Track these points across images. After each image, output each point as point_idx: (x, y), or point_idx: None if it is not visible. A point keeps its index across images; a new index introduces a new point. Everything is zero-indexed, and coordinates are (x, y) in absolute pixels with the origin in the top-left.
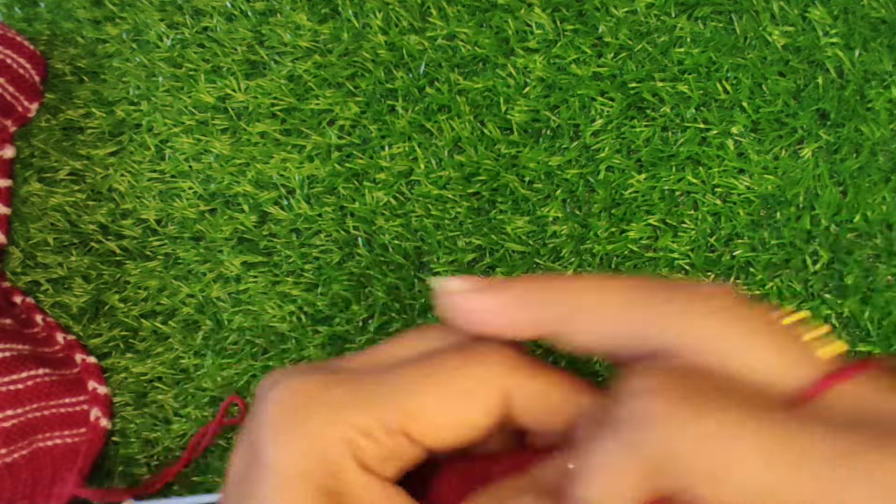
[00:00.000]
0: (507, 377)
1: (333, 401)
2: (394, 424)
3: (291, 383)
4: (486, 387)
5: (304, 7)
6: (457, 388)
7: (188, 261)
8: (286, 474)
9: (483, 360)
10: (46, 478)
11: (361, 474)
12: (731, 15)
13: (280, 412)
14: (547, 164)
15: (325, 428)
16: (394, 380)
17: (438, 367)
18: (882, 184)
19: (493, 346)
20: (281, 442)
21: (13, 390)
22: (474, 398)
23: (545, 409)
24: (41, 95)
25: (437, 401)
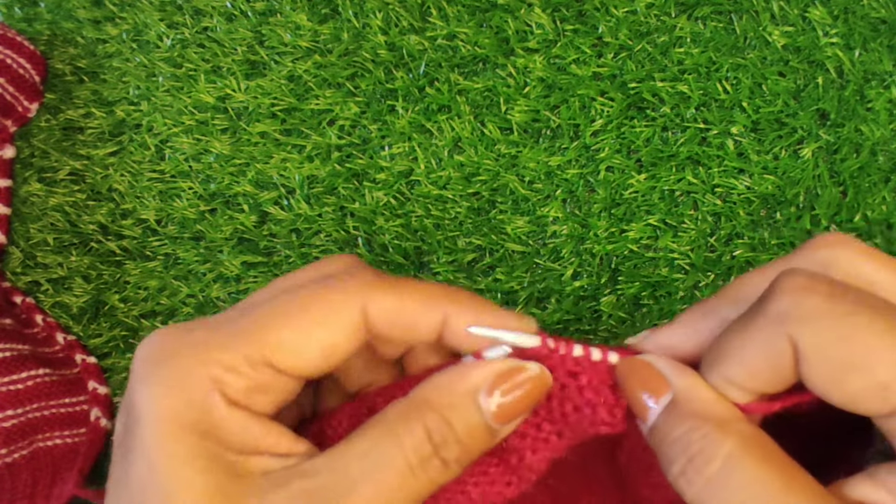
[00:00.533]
0: (363, 295)
1: (195, 342)
2: (257, 357)
3: (156, 333)
4: (342, 309)
5: (304, 7)
6: (313, 315)
7: (188, 261)
8: (157, 417)
9: (337, 284)
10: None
11: (229, 409)
12: (731, 15)
13: (145, 360)
14: (547, 164)
15: (188, 368)
16: (254, 315)
17: (295, 297)
18: (882, 184)
19: (349, 269)
20: (148, 388)
21: (13, 390)
22: (332, 321)
23: (405, 319)
24: (41, 95)
25: (296, 329)
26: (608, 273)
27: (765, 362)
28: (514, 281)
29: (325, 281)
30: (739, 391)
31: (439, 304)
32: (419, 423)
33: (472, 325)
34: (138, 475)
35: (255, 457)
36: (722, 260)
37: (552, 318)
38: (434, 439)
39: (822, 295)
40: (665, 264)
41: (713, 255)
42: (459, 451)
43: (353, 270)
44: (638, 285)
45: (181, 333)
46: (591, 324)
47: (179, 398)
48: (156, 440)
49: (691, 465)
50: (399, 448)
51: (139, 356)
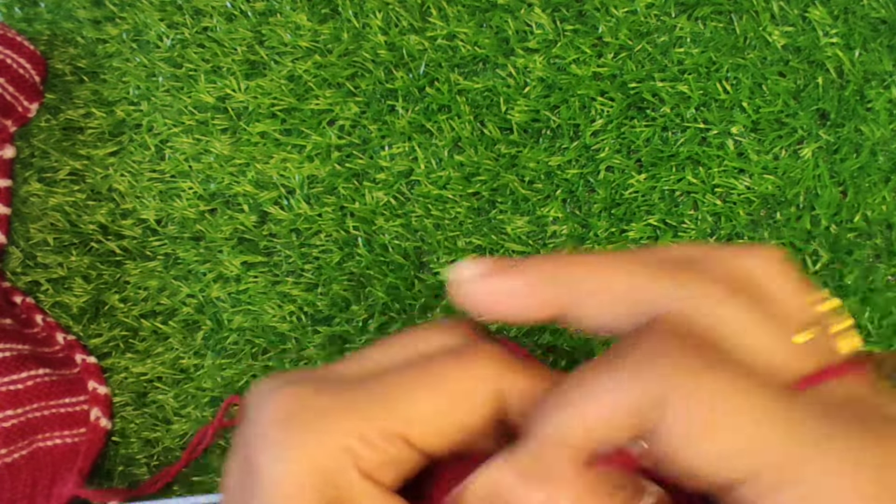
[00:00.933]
0: (499, 376)
1: (329, 408)
2: (392, 430)
3: (284, 392)
4: (480, 388)
5: (304, 7)
6: (452, 391)
7: (188, 261)
8: (285, 484)
9: (475, 361)
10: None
11: (362, 482)
12: (731, 15)
13: (275, 422)
14: (547, 164)
15: (323, 435)
16: (388, 385)
17: (431, 370)
18: (882, 184)
19: (481, 346)
20: (278, 450)
21: (13, 390)
22: (469, 400)
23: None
24: (41, 95)
25: (434, 404)
26: None
27: (617, 411)
28: None
29: (461, 356)
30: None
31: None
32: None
33: None
34: None
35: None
36: None
37: None
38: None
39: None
40: None
41: None
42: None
43: (488, 347)
44: None
45: (312, 396)
46: None
47: (312, 467)
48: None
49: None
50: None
51: (266, 414)
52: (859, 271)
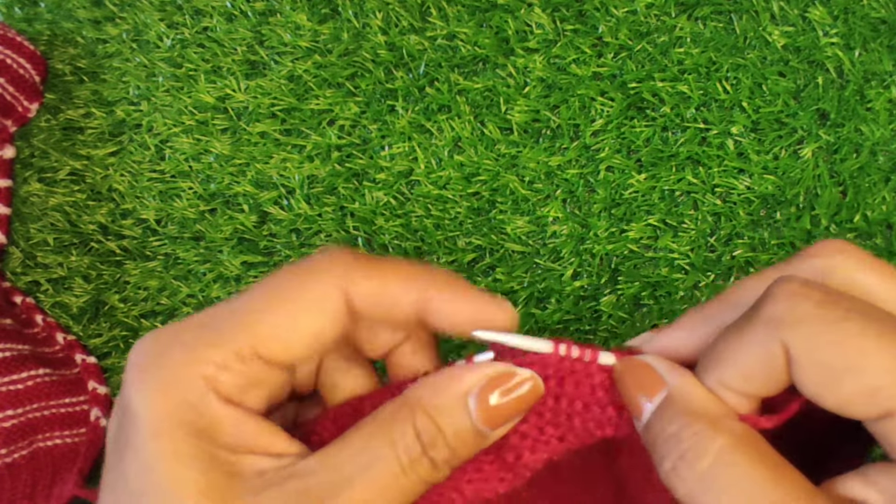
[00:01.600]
0: (344, 278)
1: (186, 341)
2: (246, 351)
3: (148, 335)
4: (325, 292)
5: (304, 7)
6: (296, 302)
7: (188, 261)
8: (154, 419)
9: (317, 270)
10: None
11: (224, 407)
12: (731, 15)
13: (138, 362)
14: (547, 164)
15: (181, 368)
16: (239, 309)
17: (277, 287)
18: (882, 184)
19: (329, 253)
20: (143, 389)
21: (13, 390)
22: (316, 306)
23: (385, 300)
24: (41, 95)
25: (282, 318)
26: (608, 273)
27: (758, 366)
28: (514, 281)
29: (304, 267)
30: (734, 394)
31: (420, 282)
32: (409, 424)
33: (451, 304)
34: (134, 475)
35: (249, 456)
36: (722, 260)
37: (552, 318)
38: (423, 440)
39: (814, 301)
40: (665, 264)
41: (713, 255)
42: (448, 453)
43: (332, 253)
44: (638, 285)
45: (172, 334)
46: (591, 324)
47: (173, 398)
48: (151, 440)
49: (682, 461)
50: (391, 447)
51: (132, 359)
52: None
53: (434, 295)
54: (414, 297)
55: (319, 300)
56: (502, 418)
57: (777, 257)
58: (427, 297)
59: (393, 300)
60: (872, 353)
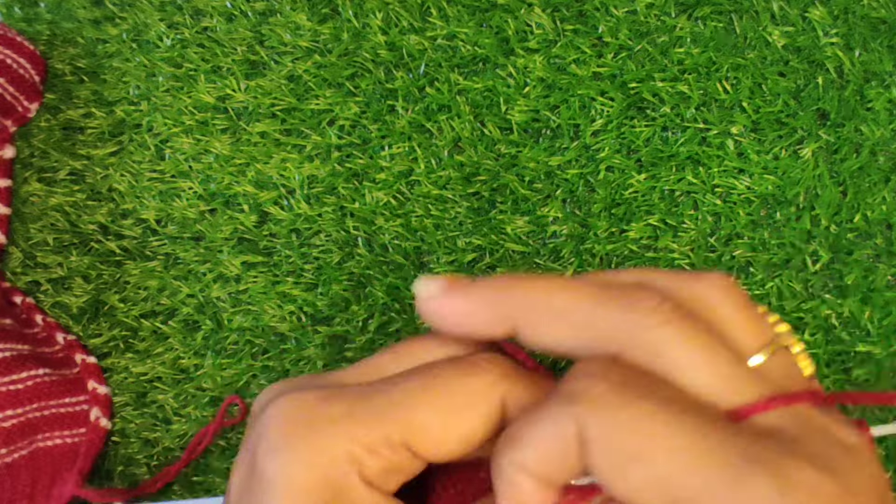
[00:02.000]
0: (502, 386)
1: (335, 415)
2: (396, 438)
3: (290, 398)
4: (485, 397)
5: (304, 7)
6: (457, 401)
7: (188, 261)
8: (289, 490)
9: (478, 371)
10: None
11: (365, 490)
12: (731, 15)
13: (281, 426)
14: (547, 164)
15: (327, 442)
16: (392, 393)
17: (434, 379)
18: (882, 184)
19: (485, 355)
20: (283, 457)
21: (13, 390)
22: (474, 409)
23: None
24: (41, 95)
25: (437, 414)
26: None
27: (553, 444)
28: None
29: (465, 365)
30: (530, 478)
31: None
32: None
33: None
34: None
35: None
36: (722, 260)
37: None
38: None
39: (612, 382)
40: (665, 264)
41: (713, 255)
42: None
43: (492, 356)
44: None
45: (318, 403)
46: None
47: (315, 473)
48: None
49: None
50: None
51: (272, 421)
52: (859, 271)
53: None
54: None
55: (478, 404)
56: None
57: (777, 257)
58: None
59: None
60: (663, 439)
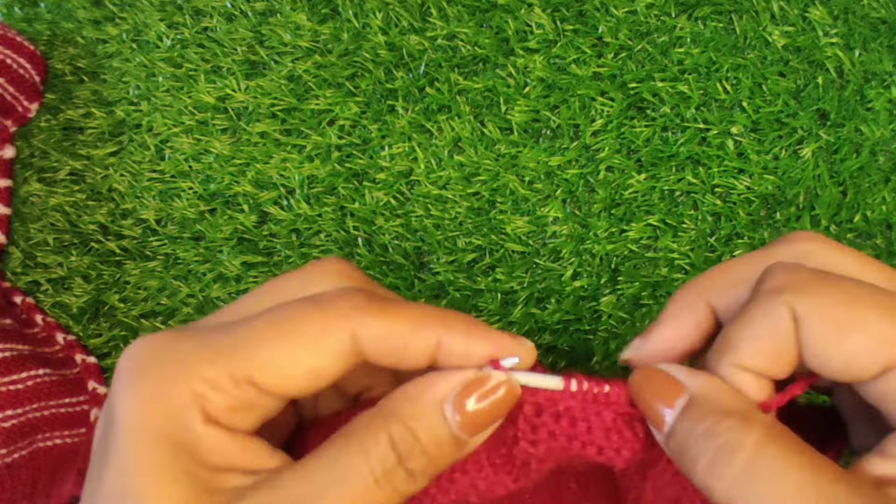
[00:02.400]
0: (353, 319)
1: (180, 355)
2: (240, 375)
3: (142, 340)
4: (332, 332)
5: (304, 7)
6: (301, 337)
7: (188, 261)
8: (134, 428)
9: (327, 306)
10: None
11: (209, 426)
12: (731, 15)
13: (128, 368)
14: (547, 164)
15: (170, 381)
16: (241, 332)
17: (284, 317)
18: (882, 184)
19: (341, 291)
20: (128, 396)
21: (13, 390)
22: (319, 345)
23: (396, 345)
24: (41, 95)
25: (282, 350)
26: (608, 273)
27: (768, 335)
28: (514, 281)
29: (315, 301)
30: (750, 376)
31: (432, 327)
32: (384, 434)
33: (466, 345)
34: (111, 483)
35: (228, 473)
36: (722, 260)
37: (552, 318)
38: (399, 449)
39: (810, 270)
40: (665, 264)
41: (713, 255)
42: (426, 462)
43: (345, 291)
44: (638, 285)
45: (166, 343)
46: (591, 324)
47: (158, 411)
48: (130, 450)
49: (719, 457)
50: (364, 458)
51: (123, 364)
52: None
53: (447, 337)
54: (426, 343)
55: (324, 338)
56: (481, 424)
57: None
58: (439, 342)
59: (403, 346)
60: (872, 307)
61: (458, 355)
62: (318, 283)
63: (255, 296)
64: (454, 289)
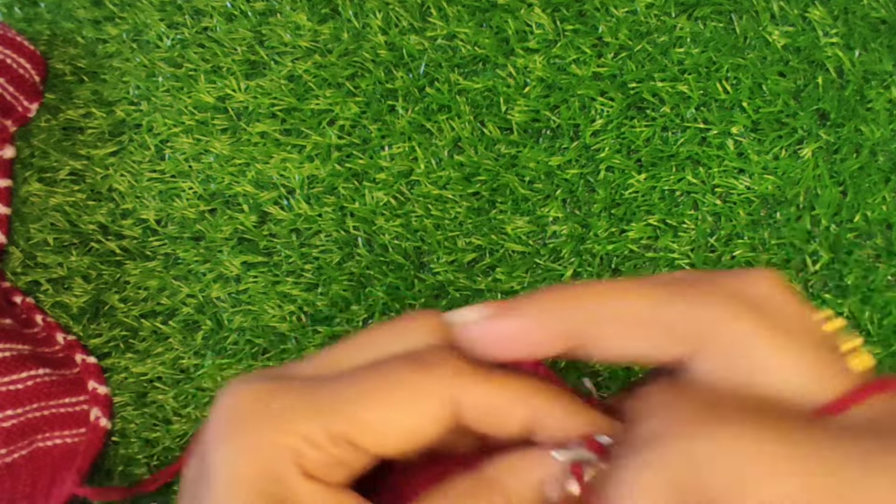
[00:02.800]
0: (454, 384)
1: (279, 408)
2: (338, 433)
3: (240, 389)
4: (431, 396)
5: (304, 7)
6: (401, 398)
7: (188, 261)
8: (230, 481)
9: (429, 369)
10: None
11: (305, 482)
12: (731, 15)
13: (226, 418)
14: (547, 164)
15: (269, 435)
16: (340, 388)
17: (384, 376)
18: (882, 184)
19: (441, 353)
20: (225, 448)
21: (13, 390)
22: (418, 407)
23: (494, 413)
24: (41, 95)
25: (381, 410)
26: (608, 273)
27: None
28: (514, 281)
29: (417, 361)
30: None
31: (532, 398)
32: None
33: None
34: None
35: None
36: (722, 260)
37: None
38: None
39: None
40: (665, 264)
41: (713, 255)
42: None
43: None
44: None
45: (267, 394)
46: None
47: (256, 465)
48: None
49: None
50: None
51: (220, 412)
52: (859, 271)
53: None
54: (524, 413)
55: (426, 400)
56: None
57: (777, 257)
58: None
59: (501, 416)
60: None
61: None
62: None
63: (350, 348)
64: (454, 289)
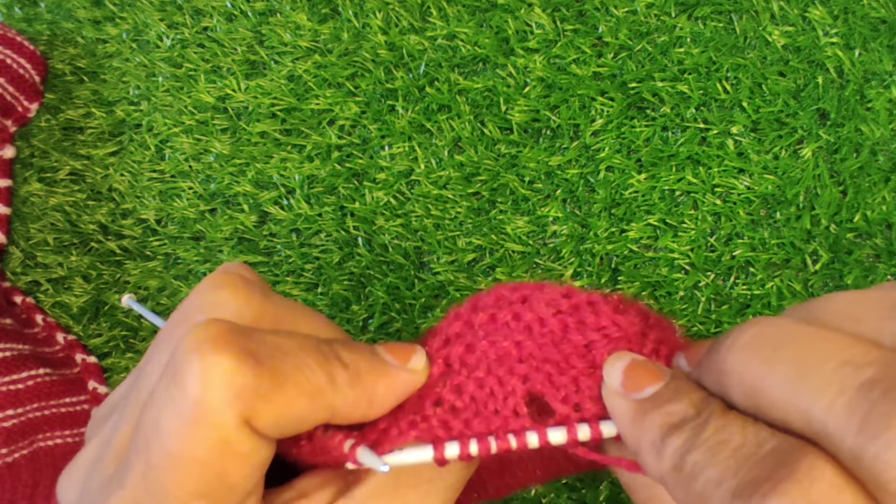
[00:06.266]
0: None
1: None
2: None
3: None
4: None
5: (304, 7)
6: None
7: (188, 261)
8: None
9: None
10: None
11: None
12: (731, 15)
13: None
14: (547, 164)
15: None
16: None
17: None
18: (882, 184)
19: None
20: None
21: (13, 390)
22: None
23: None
24: (41, 95)
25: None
26: (608, 273)
27: None
28: (515, 281)
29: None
30: None
31: (324, 400)
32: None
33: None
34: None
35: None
36: (722, 260)
37: None
38: None
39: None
40: (665, 264)
41: (713, 255)
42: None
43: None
44: (638, 285)
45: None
46: None
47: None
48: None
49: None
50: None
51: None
52: (859, 271)
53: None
54: (321, 416)
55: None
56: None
57: (777, 257)
58: (333, 410)
59: (300, 420)
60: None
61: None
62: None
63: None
64: (454, 289)
